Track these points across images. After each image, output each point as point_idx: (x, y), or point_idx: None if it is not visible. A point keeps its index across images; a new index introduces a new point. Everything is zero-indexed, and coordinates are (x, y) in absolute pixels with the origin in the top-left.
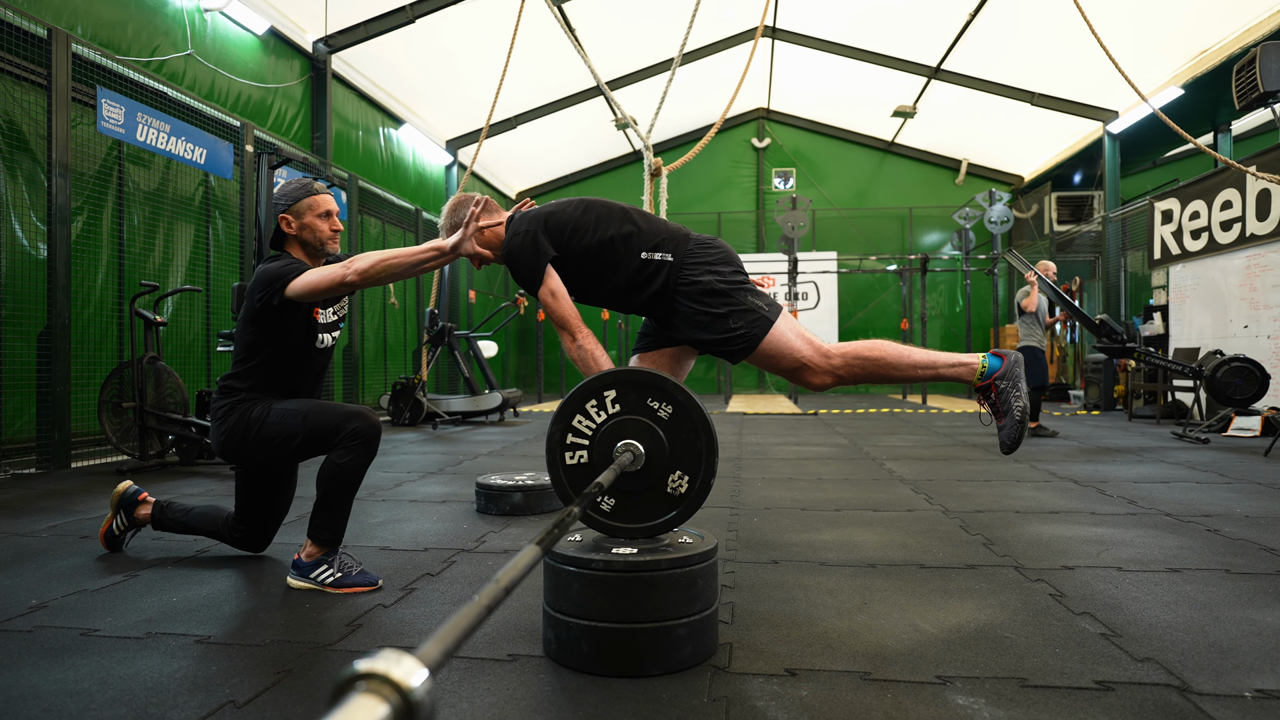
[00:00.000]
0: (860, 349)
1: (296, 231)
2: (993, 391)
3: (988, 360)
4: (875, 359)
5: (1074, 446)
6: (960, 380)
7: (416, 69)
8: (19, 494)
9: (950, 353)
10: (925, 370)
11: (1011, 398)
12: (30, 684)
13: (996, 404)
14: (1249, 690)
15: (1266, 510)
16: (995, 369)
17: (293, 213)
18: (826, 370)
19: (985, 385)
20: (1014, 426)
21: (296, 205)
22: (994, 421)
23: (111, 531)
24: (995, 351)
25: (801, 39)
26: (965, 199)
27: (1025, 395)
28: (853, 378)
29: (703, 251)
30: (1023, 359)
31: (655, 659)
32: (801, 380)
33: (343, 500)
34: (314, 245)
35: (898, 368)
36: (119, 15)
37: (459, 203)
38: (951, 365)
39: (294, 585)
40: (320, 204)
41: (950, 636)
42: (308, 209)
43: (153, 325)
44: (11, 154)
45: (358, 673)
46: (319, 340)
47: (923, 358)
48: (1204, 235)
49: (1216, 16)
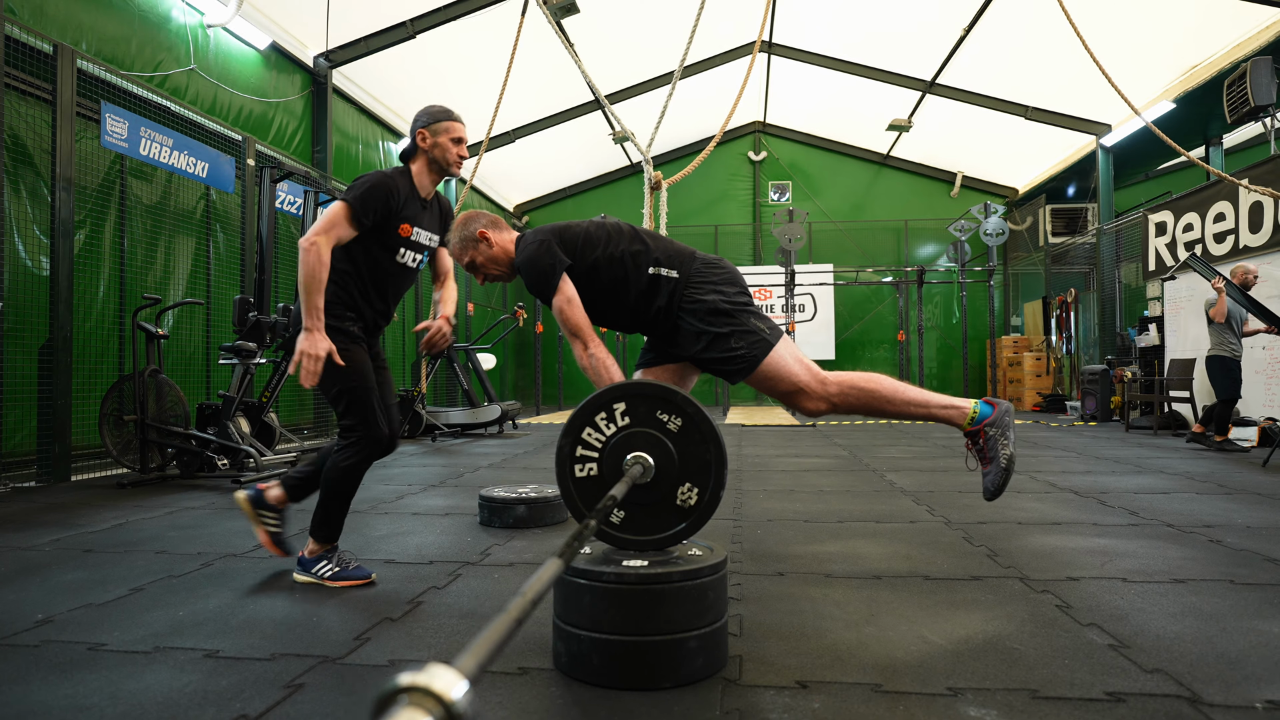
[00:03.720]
0: (857, 380)
1: (428, 148)
2: (981, 437)
3: (979, 407)
4: (871, 391)
5: (1073, 457)
6: (951, 423)
7: (416, 84)
8: (20, 507)
9: (944, 395)
10: (918, 409)
11: (999, 445)
12: (40, 699)
13: (984, 450)
14: (1259, 701)
15: (1267, 521)
16: (986, 415)
17: (430, 130)
18: (821, 397)
19: (975, 431)
20: (998, 474)
21: (435, 124)
22: (979, 467)
23: (272, 535)
24: (988, 400)
25: (797, 54)
26: (960, 211)
27: (1013, 444)
28: (846, 407)
29: (708, 271)
30: (1013, 409)
31: (666, 671)
32: (796, 405)
33: (342, 501)
34: (439, 164)
35: (892, 403)
36: (123, 31)
37: (468, 218)
38: (944, 407)
39: (298, 580)
40: (455, 129)
41: (959, 648)
42: (444, 130)
43: (154, 338)
44: (15, 168)
45: (400, 686)
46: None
47: (917, 396)
48: (1198, 247)
49: (1207, 32)
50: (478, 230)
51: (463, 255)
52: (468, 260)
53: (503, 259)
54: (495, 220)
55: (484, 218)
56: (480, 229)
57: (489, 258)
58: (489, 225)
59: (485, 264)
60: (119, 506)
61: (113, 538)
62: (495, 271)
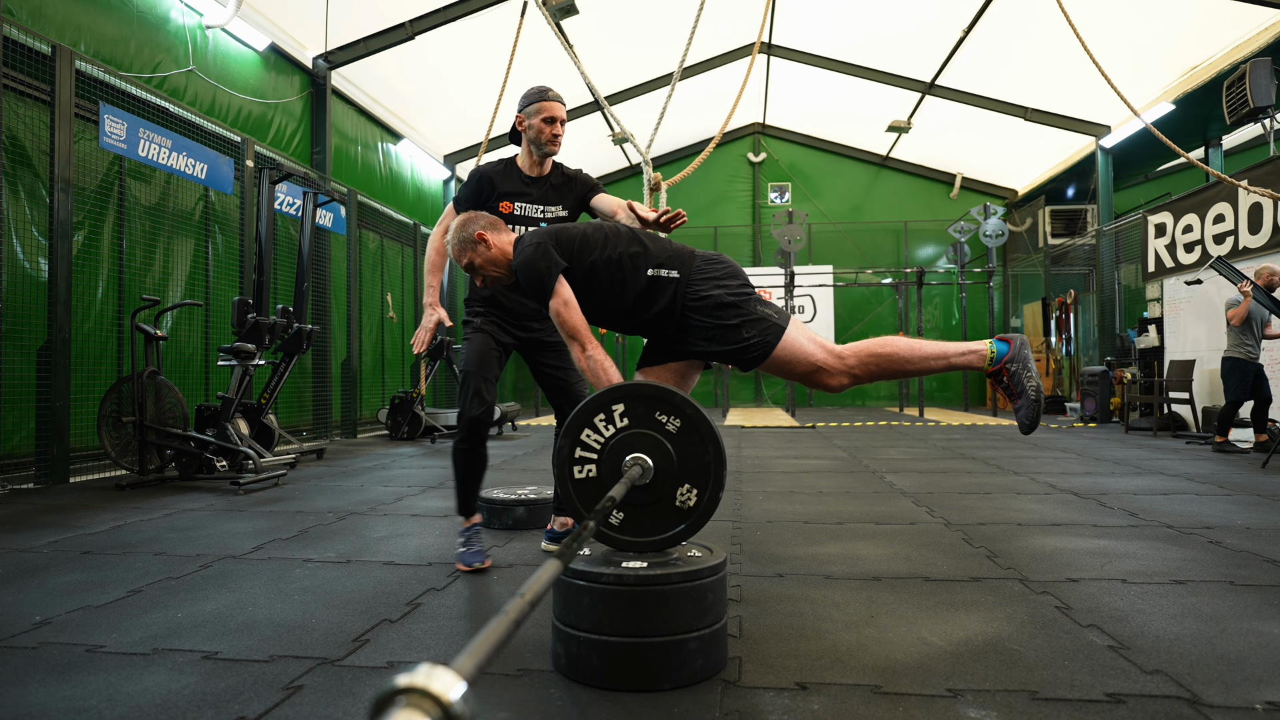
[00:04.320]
0: (872, 346)
1: (524, 130)
2: (1005, 375)
3: (995, 346)
4: (889, 354)
5: (1073, 458)
6: (971, 367)
7: (415, 85)
8: (18, 509)
9: (959, 343)
10: (938, 361)
11: (1024, 378)
12: (38, 701)
13: (1010, 386)
14: (1259, 703)
15: (1267, 522)
16: (1004, 353)
17: (525, 113)
18: (842, 371)
19: (996, 370)
20: (1029, 406)
21: (529, 106)
22: (1011, 404)
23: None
24: (1001, 336)
25: (797, 55)
26: (960, 213)
27: (1036, 375)
28: (868, 375)
29: (709, 267)
30: (1028, 341)
31: (666, 673)
32: (817, 383)
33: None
34: (535, 143)
35: (911, 361)
36: (122, 32)
37: (466, 220)
38: (962, 354)
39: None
40: (546, 109)
41: (959, 649)
42: (536, 112)
43: (153, 340)
44: (14, 169)
45: (398, 687)
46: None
47: (934, 349)
48: (1197, 248)
49: (1206, 33)
50: (476, 232)
51: (461, 257)
52: (466, 261)
53: (501, 261)
54: (494, 222)
55: (482, 219)
56: (479, 230)
57: (487, 259)
58: (487, 227)
59: (484, 265)
60: (117, 508)
61: (111, 539)
62: (494, 273)
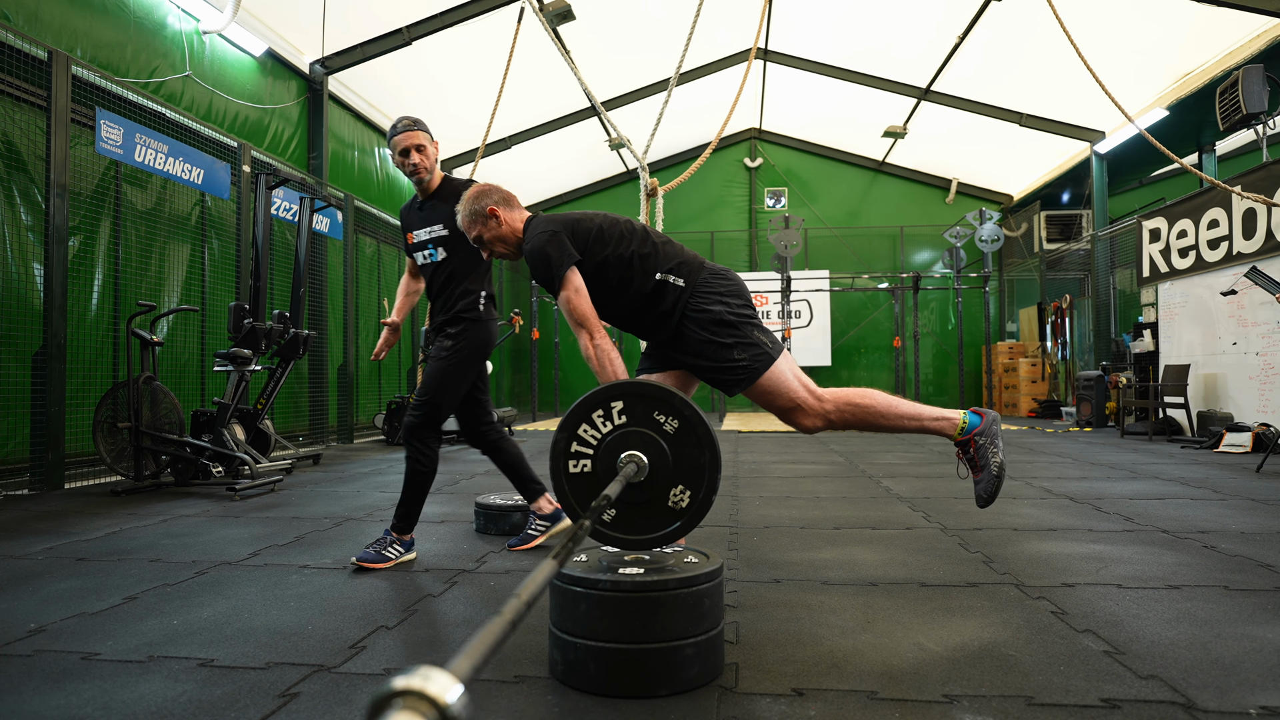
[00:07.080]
0: (852, 396)
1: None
2: (971, 446)
3: (968, 417)
4: (866, 406)
5: (1068, 463)
6: (942, 434)
7: (412, 90)
8: (13, 515)
9: (934, 408)
10: (911, 421)
11: (989, 453)
12: (32, 709)
13: (975, 458)
14: (1254, 708)
15: (1261, 526)
16: (975, 425)
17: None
18: (819, 413)
19: (965, 440)
20: (990, 481)
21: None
22: (970, 475)
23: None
24: (976, 410)
25: (793, 61)
26: (956, 218)
27: (1002, 452)
28: (842, 423)
29: (715, 281)
30: (999, 418)
31: (663, 679)
32: (793, 420)
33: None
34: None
35: (886, 417)
36: (118, 37)
37: (481, 192)
38: (935, 419)
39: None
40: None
41: (955, 655)
42: (392, 148)
43: (149, 345)
44: (9, 174)
45: (394, 690)
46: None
47: (909, 410)
48: (1192, 253)
49: (1199, 40)
50: (488, 206)
51: (470, 229)
52: (475, 234)
53: (510, 239)
54: (508, 197)
55: (497, 193)
56: (491, 205)
57: (497, 235)
58: (500, 202)
59: (492, 241)
60: (113, 514)
61: (106, 546)
62: (502, 250)
